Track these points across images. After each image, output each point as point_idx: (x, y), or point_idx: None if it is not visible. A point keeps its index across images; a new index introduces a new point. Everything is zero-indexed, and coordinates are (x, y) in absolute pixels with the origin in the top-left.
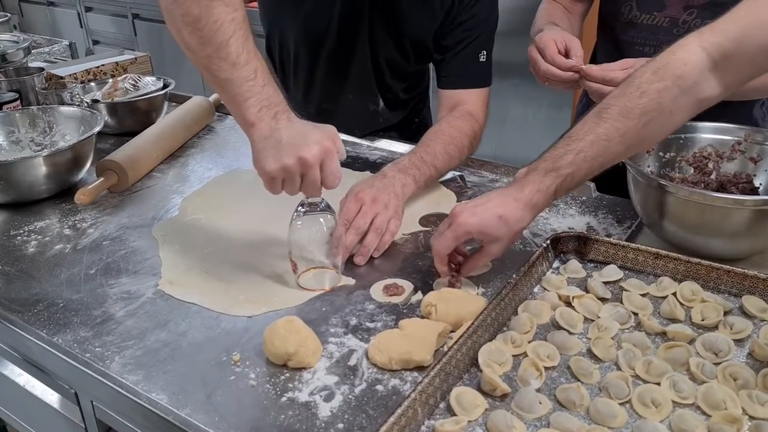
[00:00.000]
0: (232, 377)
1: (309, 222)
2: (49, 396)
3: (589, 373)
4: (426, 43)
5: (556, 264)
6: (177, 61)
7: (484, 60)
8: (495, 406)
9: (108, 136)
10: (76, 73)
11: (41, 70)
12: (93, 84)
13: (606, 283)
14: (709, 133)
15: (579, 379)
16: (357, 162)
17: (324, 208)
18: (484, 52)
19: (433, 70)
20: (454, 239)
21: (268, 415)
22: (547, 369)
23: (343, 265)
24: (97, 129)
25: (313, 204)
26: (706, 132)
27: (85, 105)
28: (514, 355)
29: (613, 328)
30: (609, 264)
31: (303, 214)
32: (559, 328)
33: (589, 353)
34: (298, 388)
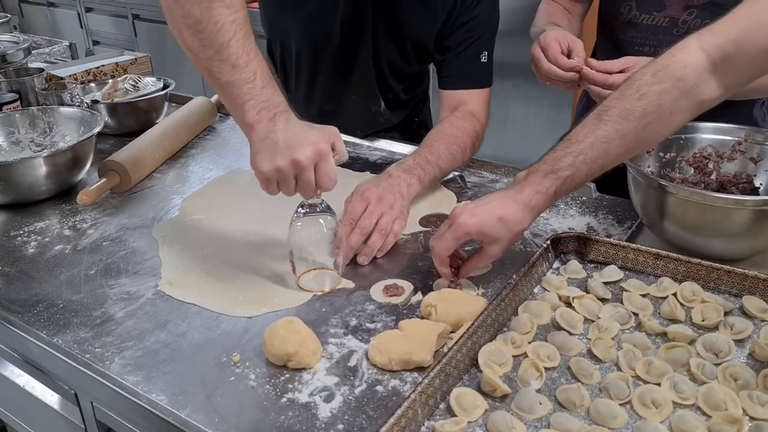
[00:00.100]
0: (232, 378)
1: (309, 223)
2: (49, 397)
3: (590, 373)
4: (427, 45)
5: (557, 264)
6: (177, 61)
7: (485, 60)
8: (495, 407)
9: (108, 136)
10: (76, 74)
11: (41, 70)
12: (93, 84)
13: (606, 283)
14: (710, 133)
15: (579, 380)
16: (357, 162)
17: (324, 209)
18: (486, 53)
19: (433, 71)
20: (454, 240)
21: (268, 416)
22: (547, 369)
23: (344, 265)
24: (97, 129)
25: (313, 205)
26: (706, 132)
27: (85, 105)
28: (514, 356)
29: (613, 328)
30: (609, 264)
31: (303, 215)
32: (560, 328)
33: (590, 354)
34: (298, 388)
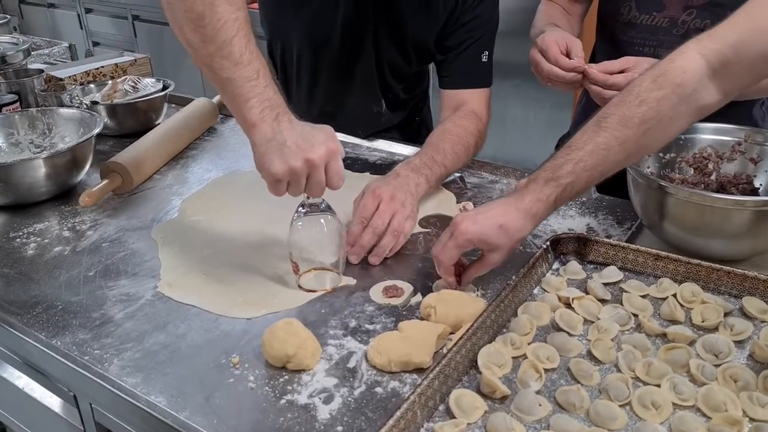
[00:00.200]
0: (231, 380)
1: (310, 223)
2: (48, 399)
3: (589, 374)
4: (428, 46)
5: (556, 265)
6: (177, 62)
7: (486, 60)
8: (494, 409)
9: (107, 137)
10: (75, 75)
11: (41, 71)
12: (92, 86)
13: (606, 284)
14: (709, 133)
15: (579, 381)
16: (357, 163)
17: (325, 209)
18: (486, 53)
19: (433, 70)
20: (456, 248)
21: (267, 418)
22: (546, 371)
23: (345, 265)
24: (97, 131)
25: (314, 205)
26: (706, 133)
27: (85, 107)
28: (513, 357)
29: (613, 329)
30: (609, 265)
31: (304, 214)
32: (559, 329)
33: (589, 355)
34: (297, 390)
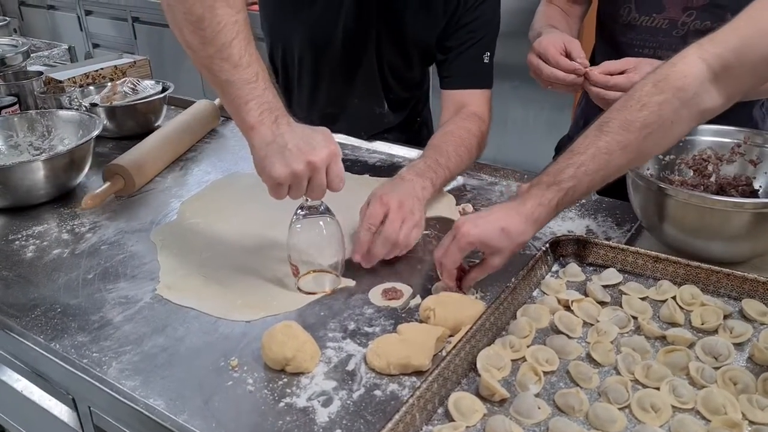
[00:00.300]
0: (230, 383)
1: (309, 225)
2: (47, 401)
3: (588, 377)
4: (430, 47)
5: (555, 267)
6: (177, 64)
7: (487, 61)
8: (493, 412)
9: (107, 139)
10: (74, 77)
11: (40, 74)
12: (92, 88)
13: (605, 286)
14: (709, 135)
15: (578, 384)
16: (356, 165)
17: (323, 211)
18: (488, 53)
19: (433, 70)
20: (459, 251)
21: (265, 421)
22: (546, 374)
23: (343, 267)
24: (96, 133)
25: (313, 207)
26: (705, 134)
27: (84, 109)
28: (512, 360)
29: (612, 332)
30: (608, 267)
31: (303, 217)
32: (558, 332)
33: (589, 358)
34: (296, 393)
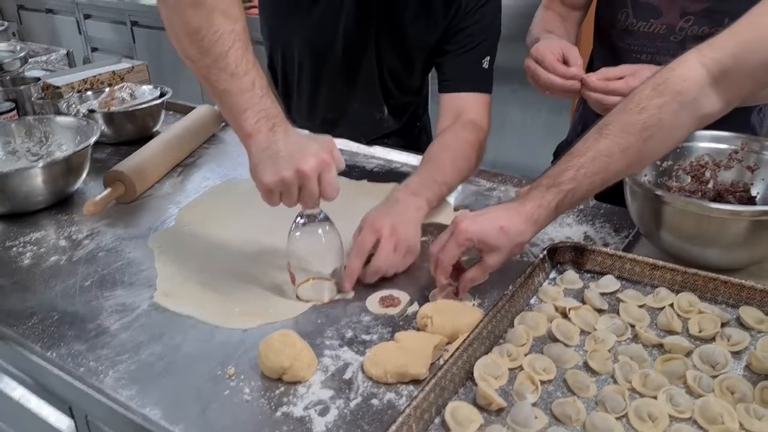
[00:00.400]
0: (227, 392)
1: (308, 233)
2: (44, 410)
3: (586, 386)
4: (430, 53)
5: (553, 274)
6: (176, 68)
7: (486, 67)
8: (490, 421)
9: (104, 145)
10: (72, 83)
11: (38, 79)
12: (90, 93)
13: (603, 294)
14: (706, 141)
15: (575, 393)
16: (354, 171)
17: (323, 219)
18: (488, 58)
19: (433, 76)
20: (456, 247)
21: (262, 431)
22: (543, 382)
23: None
24: (94, 139)
25: (312, 215)
26: (703, 141)
27: (82, 115)
28: (510, 369)
29: (609, 340)
30: (606, 274)
31: (302, 225)
32: (556, 340)
33: (586, 366)
34: (293, 402)
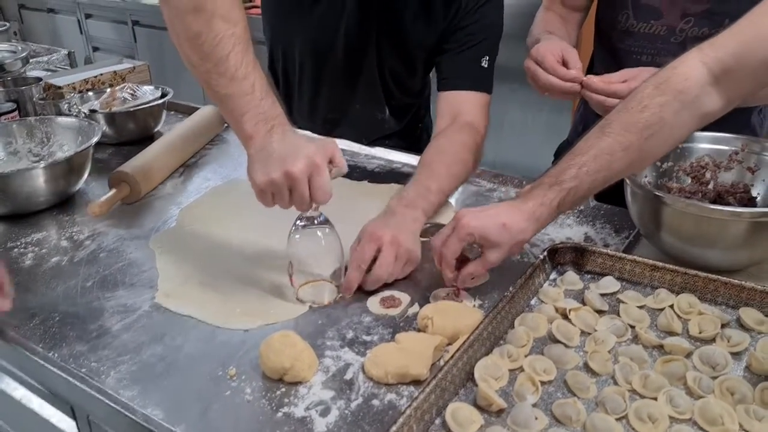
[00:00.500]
0: (228, 392)
1: (307, 235)
2: (46, 411)
3: (586, 387)
4: (430, 53)
5: (553, 276)
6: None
7: (486, 66)
8: (491, 422)
9: (106, 146)
10: (74, 83)
11: (39, 80)
12: (91, 93)
13: (603, 295)
14: (707, 142)
15: (575, 394)
16: (355, 171)
17: (322, 221)
18: (487, 58)
19: (433, 77)
20: (458, 241)
21: (263, 431)
22: (543, 383)
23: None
24: (95, 139)
25: (311, 217)
26: (703, 142)
27: (83, 115)
28: (510, 370)
29: (609, 341)
30: (606, 275)
31: (301, 227)
32: (556, 341)
33: (586, 367)
34: (294, 403)
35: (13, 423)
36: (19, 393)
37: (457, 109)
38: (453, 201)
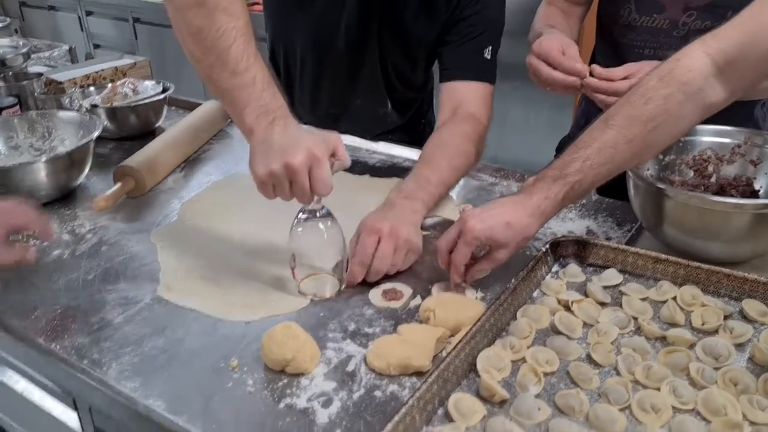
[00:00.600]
0: (230, 384)
1: (309, 228)
2: (48, 403)
3: (589, 378)
4: (432, 46)
5: (556, 268)
6: (178, 64)
7: (488, 57)
8: (493, 413)
9: (107, 140)
10: (75, 78)
11: (40, 75)
12: (92, 89)
13: (605, 287)
14: (709, 135)
15: (578, 385)
16: (356, 166)
17: (324, 214)
18: (490, 48)
19: (436, 71)
20: (466, 247)
21: (265, 422)
22: (546, 374)
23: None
24: (96, 134)
25: (313, 210)
26: (706, 135)
27: (84, 110)
28: (512, 361)
29: (612, 332)
30: (609, 268)
31: (303, 220)
32: (559, 333)
33: (589, 358)
34: (296, 394)
35: (15, 415)
36: (21, 385)
37: (458, 101)
38: (454, 195)
